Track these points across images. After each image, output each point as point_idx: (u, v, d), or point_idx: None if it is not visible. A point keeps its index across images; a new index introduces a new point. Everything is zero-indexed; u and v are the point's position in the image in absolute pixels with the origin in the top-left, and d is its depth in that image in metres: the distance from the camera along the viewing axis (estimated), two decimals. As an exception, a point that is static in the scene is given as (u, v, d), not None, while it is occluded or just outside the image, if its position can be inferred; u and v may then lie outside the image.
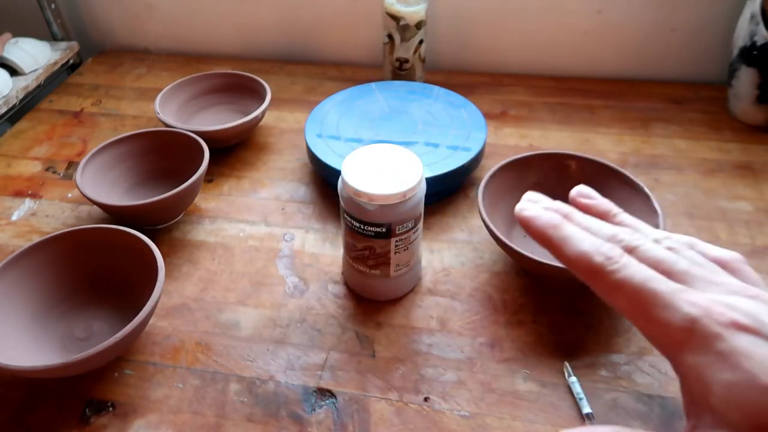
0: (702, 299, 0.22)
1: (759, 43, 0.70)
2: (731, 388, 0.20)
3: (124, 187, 0.67)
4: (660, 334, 0.22)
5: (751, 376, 0.19)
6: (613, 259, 0.24)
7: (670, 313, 0.22)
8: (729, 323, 0.21)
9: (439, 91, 0.75)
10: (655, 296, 0.22)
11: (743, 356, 0.20)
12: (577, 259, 0.25)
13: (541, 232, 0.27)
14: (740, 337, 0.21)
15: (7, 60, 0.85)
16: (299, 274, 0.58)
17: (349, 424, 0.45)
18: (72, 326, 0.53)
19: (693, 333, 0.21)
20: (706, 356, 0.21)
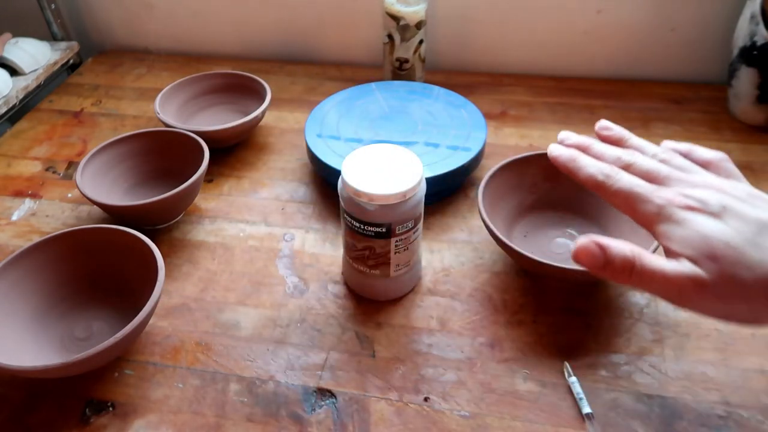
0: (669, 193, 0.34)
1: (759, 43, 0.70)
2: (686, 239, 0.32)
3: (124, 187, 0.67)
4: (642, 220, 0.34)
5: (694, 231, 0.32)
6: (610, 176, 0.35)
7: (647, 206, 0.34)
8: (684, 206, 0.33)
9: (439, 91, 0.75)
10: (638, 196, 0.34)
11: (690, 222, 0.32)
12: (587, 180, 0.36)
13: (564, 166, 0.37)
14: (690, 213, 0.32)
15: (7, 60, 0.85)
16: (299, 274, 0.58)
17: (349, 424, 0.45)
18: (72, 326, 0.53)
19: (660, 215, 0.33)
20: (669, 225, 0.33)
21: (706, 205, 0.32)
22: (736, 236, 0.31)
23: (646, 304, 0.54)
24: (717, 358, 0.49)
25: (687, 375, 0.48)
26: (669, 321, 0.52)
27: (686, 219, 0.32)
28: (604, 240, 0.33)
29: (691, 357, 0.49)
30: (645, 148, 0.38)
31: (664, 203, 0.33)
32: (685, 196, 0.33)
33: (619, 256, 0.33)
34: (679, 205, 0.32)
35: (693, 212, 0.32)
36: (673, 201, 0.33)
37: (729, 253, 0.30)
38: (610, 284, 0.55)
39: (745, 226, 0.31)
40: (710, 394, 0.46)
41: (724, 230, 0.31)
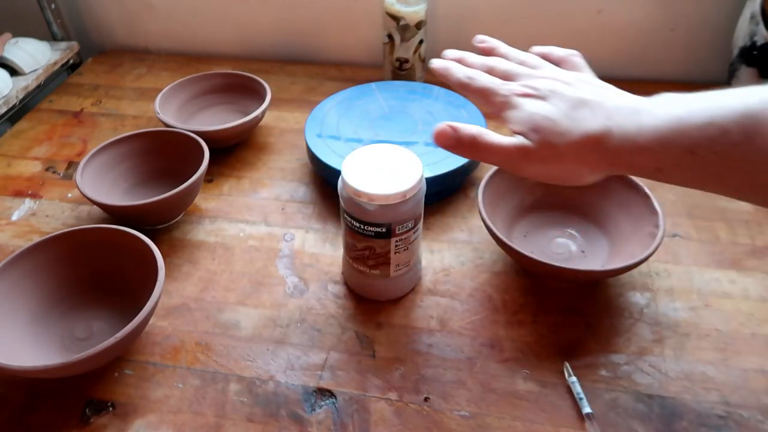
0: (513, 86, 0.41)
1: (759, 43, 0.70)
2: (519, 119, 0.39)
3: (124, 187, 0.67)
4: (495, 110, 0.41)
5: (525, 111, 0.39)
6: (472, 77, 0.43)
7: (497, 97, 0.41)
8: (521, 94, 0.40)
9: (439, 91, 0.75)
10: (491, 90, 0.42)
11: (523, 105, 0.39)
12: (456, 83, 0.44)
13: (440, 74, 0.45)
14: (524, 99, 0.40)
15: (7, 60, 0.85)
16: (299, 274, 0.58)
17: (349, 424, 0.45)
18: (72, 326, 0.53)
19: (505, 102, 0.40)
20: (510, 110, 0.40)
21: (537, 91, 0.39)
22: (555, 111, 0.38)
23: (646, 304, 0.54)
24: (717, 358, 0.49)
25: (687, 375, 0.48)
26: (669, 321, 0.52)
27: (521, 103, 0.39)
28: (455, 123, 0.40)
29: (691, 357, 0.49)
30: (510, 54, 0.45)
31: (508, 93, 0.40)
32: (524, 86, 0.40)
33: (467, 134, 0.40)
34: (518, 93, 0.40)
35: (527, 98, 0.39)
36: (514, 90, 0.40)
37: (547, 124, 0.37)
38: (610, 284, 0.55)
39: (563, 103, 0.38)
40: (710, 394, 0.46)
41: (547, 108, 0.38)
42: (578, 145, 0.37)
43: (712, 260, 0.58)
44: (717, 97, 0.33)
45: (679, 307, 0.53)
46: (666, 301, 0.54)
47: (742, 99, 0.32)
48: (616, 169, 0.38)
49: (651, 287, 0.55)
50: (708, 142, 0.32)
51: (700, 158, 0.33)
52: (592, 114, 0.37)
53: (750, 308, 0.53)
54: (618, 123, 0.36)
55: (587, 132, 0.37)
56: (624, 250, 0.54)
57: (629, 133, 0.35)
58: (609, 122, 0.36)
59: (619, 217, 0.56)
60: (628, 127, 0.35)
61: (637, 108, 0.37)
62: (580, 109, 0.38)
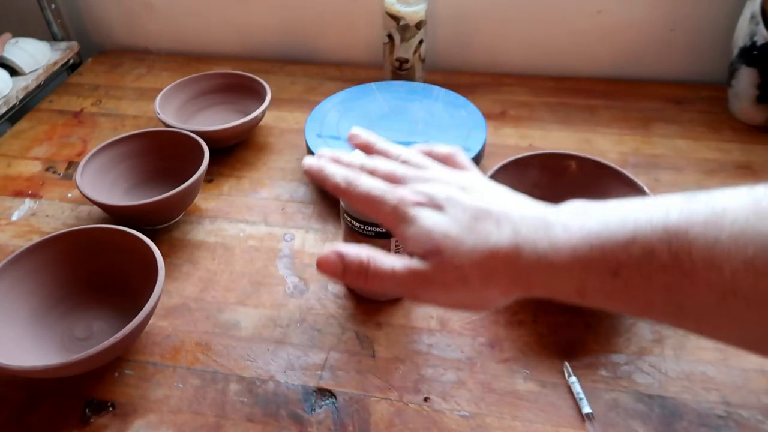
0: (402, 191, 0.34)
1: (759, 43, 0.70)
2: (415, 236, 0.33)
3: (124, 187, 0.67)
4: (385, 223, 0.35)
5: (421, 227, 0.33)
6: (352, 182, 0.36)
7: (384, 207, 0.34)
8: (414, 203, 0.34)
9: (439, 91, 0.75)
10: (376, 198, 0.35)
11: (418, 218, 0.33)
12: (333, 187, 0.36)
13: (314, 176, 0.38)
14: (419, 209, 0.33)
15: (7, 60, 0.85)
16: (299, 274, 0.58)
17: (349, 424, 0.45)
18: (72, 326, 0.53)
19: (396, 214, 0.34)
20: (404, 225, 0.34)
21: (432, 199, 0.34)
22: (455, 226, 0.32)
23: (646, 304, 0.53)
24: (717, 358, 0.49)
25: (687, 375, 0.48)
26: (669, 321, 0.52)
27: (416, 216, 0.33)
28: (342, 247, 0.34)
29: (691, 357, 0.49)
30: (390, 151, 0.39)
31: (396, 202, 0.34)
32: (416, 193, 0.34)
33: (354, 261, 0.34)
34: (410, 202, 0.34)
35: (421, 207, 0.33)
36: (404, 199, 0.34)
37: (448, 243, 0.32)
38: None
39: (464, 214, 0.33)
40: (710, 394, 0.46)
41: (445, 222, 0.32)
42: (485, 265, 0.31)
43: (712, 260, 0.58)
44: (634, 208, 0.30)
45: (679, 307, 0.53)
46: (666, 301, 0.54)
47: (662, 211, 0.28)
48: (530, 291, 0.32)
49: (651, 287, 0.55)
50: (632, 262, 0.28)
51: (624, 281, 0.28)
52: (497, 227, 0.32)
53: (750, 308, 0.53)
54: (527, 238, 0.31)
55: (494, 248, 0.31)
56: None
57: (542, 250, 0.30)
58: (517, 237, 0.31)
59: (619, 217, 0.56)
60: (539, 243, 0.31)
61: (546, 220, 0.32)
62: (484, 221, 0.32)
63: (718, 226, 0.26)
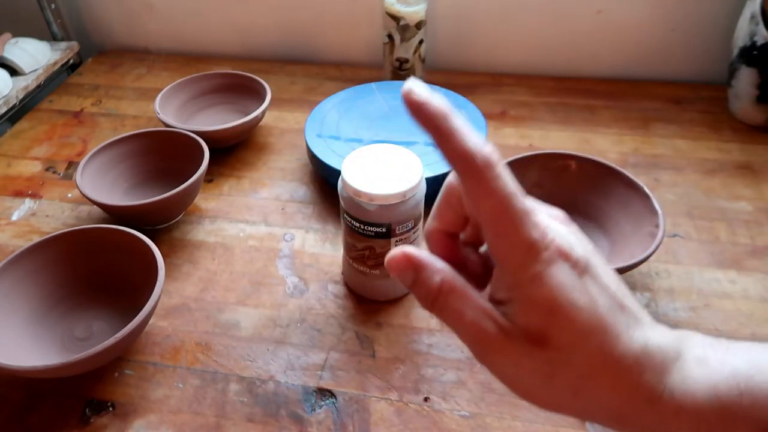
0: (542, 223, 0.24)
1: (759, 43, 0.70)
2: (534, 296, 0.23)
3: (124, 187, 0.67)
4: (503, 248, 0.24)
5: (550, 288, 0.23)
6: (491, 165, 0.23)
7: (519, 231, 0.23)
8: (557, 249, 0.23)
9: (439, 91, 0.75)
10: (515, 212, 0.23)
11: (553, 275, 0.23)
12: (462, 155, 0.23)
13: (432, 117, 0.23)
14: (558, 262, 0.23)
15: (7, 60, 0.85)
16: (299, 274, 0.58)
17: (349, 424, 0.45)
18: (72, 326, 0.53)
19: (529, 252, 0.23)
20: (527, 273, 0.23)
21: (575, 255, 0.24)
22: (590, 305, 0.24)
23: (646, 304, 0.54)
24: (717, 358, 0.49)
25: (687, 375, 0.48)
26: (669, 321, 0.52)
27: (552, 271, 0.23)
28: (417, 254, 0.26)
29: (691, 357, 0.49)
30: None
31: (537, 237, 0.23)
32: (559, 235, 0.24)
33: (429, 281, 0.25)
34: (554, 245, 0.24)
35: (563, 261, 0.24)
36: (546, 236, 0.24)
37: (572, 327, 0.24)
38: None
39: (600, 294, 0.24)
40: (710, 394, 0.46)
41: (584, 296, 0.24)
42: (595, 370, 0.24)
43: (712, 260, 0.58)
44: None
45: (679, 307, 0.53)
46: (666, 301, 0.54)
47: None
48: (625, 426, 0.25)
49: (651, 287, 0.55)
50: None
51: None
52: (627, 329, 0.24)
53: (750, 308, 0.53)
54: (655, 358, 0.24)
55: (619, 357, 0.23)
56: (624, 250, 0.54)
57: (671, 381, 0.23)
58: (646, 353, 0.24)
59: (619, 217, 0.56)
60: (668, 371, 0.24)
61: (680, 339, 0.25)
62: (618, 315, 0.24)
63: None
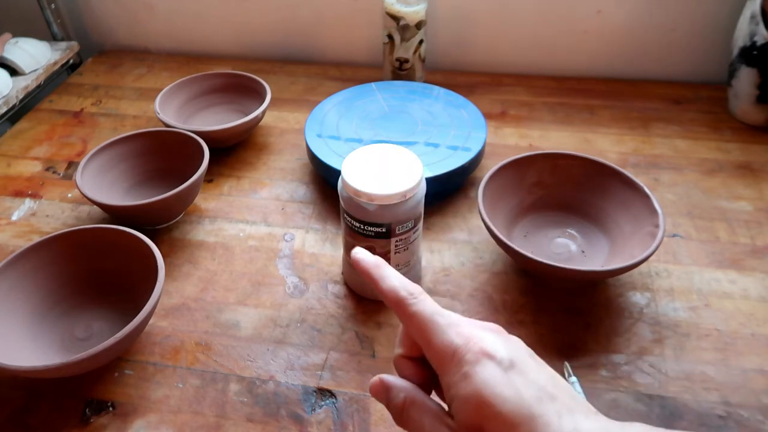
0: (466, 332, 0.29)
1: (759, 43, 0.70)
2: (466, 395, 0.27)
3: (124, 187, 0.67)
4: (434, 356, 0.29)
5: (477, 385, 0.26)
6: (413, 294, 0.31)
7: (442, 341, 0.28)
8: (479, 351, 0.27)
9: (439, 91, 0.75)
10: (436, 326, 0.29)
11: (478, 373, 0.27)
12: (388, 291, 0.31)
13: (366, 269, 0.32)
14: (483, 363, 0.27)
15: (7, 60, 0.85)
16: (299, 274, 0.58)
17: (349, 424, 0.45)
18: (72, 326, 0.53)
19: (454, 356, 0.28)
20: (457, 374, 0.27)
21: (499, 355, 0.28)
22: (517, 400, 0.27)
23: (646, 304, 0.54)
24: (717, 358, 0.49)
25: (687, 375, 0.48)
26: (669, 321, 0.52)
27: (478, 369, 0.27)
28: (387, 379, 0.32)
29: (691, 357, 0.49)
30: None
31: (460, 342, 0.28)
32: (481, 339, 0.29)
33: (394, 401, 0.31)
34: (475, 349, 0.28)
35: (488, 360, 0.28)
36: (469, 341, 0.29)
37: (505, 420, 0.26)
38: (610, 284, 0.55)
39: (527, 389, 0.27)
40: (710, 394, 0.46)
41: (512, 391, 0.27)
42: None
43: (712, 260, 0.58)
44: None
45: (679, 307, 0.53)
46: (666, 301, 0.54)
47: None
48: None
49: (651, 287, 0.55)
50: None
51: None
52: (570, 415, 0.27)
53: (750, 308, 0.53)
54: None
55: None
56: (624, 250, 0.54)
57: None
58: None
59: (619, 217, 0.56)
60: None
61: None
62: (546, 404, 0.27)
63: None
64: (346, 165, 0.49)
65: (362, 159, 0.49)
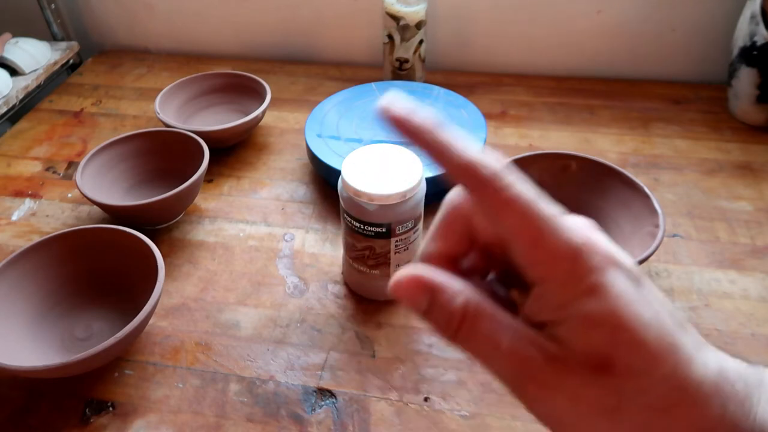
0: (583, 228, 0.21)
1: (759, 43, 0.70)
2: (593, 313, 0.20)
3: (124, 187, 0.67)
4: (542, 260, 0.21)
5: (611, 302, 0.20)
6: (501, 174, 0.21)
7: (556, 238, 0.20)
8: (606, 257, 0.21)
9: (439, 91, 0.75)
10: (543, 218, 0.21)
11: (612, 287, 0.20)
12: (465, 168, 0.21)
13: (419, 132, 0.22)
14: (613, 273, 0.20)
15: (7, 60, 0.85)
16: (299, 274, 0.58)
17: (349, 424, 0.45)
18: (72, 326, 0.53)
19: (576, 261, 0.20)
20: (580, 285, 0.20)
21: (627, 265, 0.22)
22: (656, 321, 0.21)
23: (646, 304, 0.53)
24: (717, 358, 0.49)
25: (687, 375, 0.48)
26: (669, 321, 0.52)
27: (610, 282, 0.21)
28: (428, 274, 0.23)
29: (691, 357, 0.49)
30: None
31: (581, 242, 0.21)
32: (606, 243, 0.22)
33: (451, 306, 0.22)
34: (604, 254, 0.21)
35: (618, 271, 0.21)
36: (593, 242, 0.22)
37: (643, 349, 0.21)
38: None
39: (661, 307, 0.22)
40: (710, 394, 0.46)
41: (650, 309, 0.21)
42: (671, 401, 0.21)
43: (712, 260, 0.58)
44: None
45: (679, 307, 0.53)
46: (666, 301, 0.54)
47: None
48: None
49: (651, 287, 0.55)
50: None
51: None
52: (706, 348, 0.23)
53: (750, 308, 0.53)
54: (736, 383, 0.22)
55: (696, 383, 0.21)
56: (624, 250, 0.54)
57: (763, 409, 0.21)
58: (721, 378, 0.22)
59: (619, 217, 0.56)
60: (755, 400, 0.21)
61: (754, 371, 0.23)
62: (682, 332, 0.22)
63: None
64: (346, 165, 0.49)
65: (362, 159, 0.49)
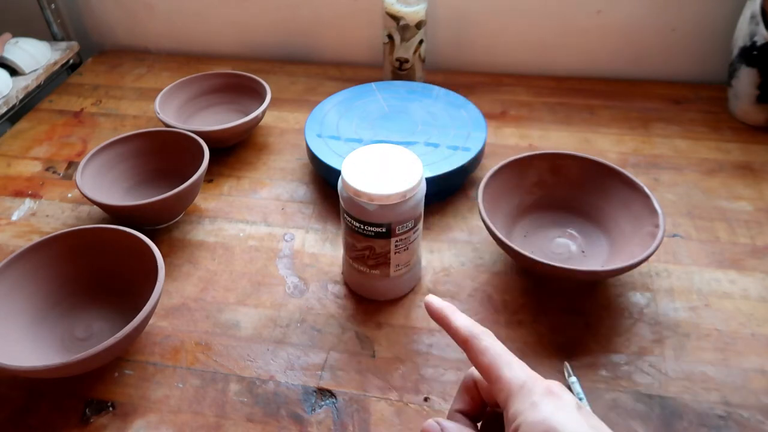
0: (527, 370, 0.32)
1: (759, 43, 0.70)
2: (532, 424, 0.29)
3: (124, 187, 0.67)
4: (503, 387, 0.31)
5: (542, 417, 0.29)
6: (484, 332, 0.33)
7: (512, 374, 0.31)
8: (546, 388, 0.30)
9: (439, 91, 0.75)
10: (507, 360, 0.32)
11: (545, 403, 0.30)
12: (462, 327, 0.34)
13: (438, 310, 0.35)
14: (550, 396, 0.30)
15: (7, 60, 0.85)
16: (299, 274, 0.58)
17: (349, 424, 0.45)
18: (72, 326, 0.53)
19: (523, 387, 0.31)
20: (526, 402, 0.30)
21: (568, 394, 0.31)
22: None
23: (646, 304, 0.54)
24: (717, 358, 0.49)
25: (687, 375, 0.48)
26: (669, 321, 0.52)
27: (541, 403, 0.30)
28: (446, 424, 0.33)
29: (691, 357, 0.49)
30: None
31: (525, 378, 0.31)
32: (542, 379, 0.31)
33: None
34: (542, 385, 0.31)
35: (562, 394, 0.31)
36: (534, 378, 0.31)
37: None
38: (610, 284, 0.55)
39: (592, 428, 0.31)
40: (710, 394, 0.46)
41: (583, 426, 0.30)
42: None
43: (712, 260, 0.58)
44: None
45: (679, 307, 0.53)
46: (666, 301, 0.54)
47: None
48: None
49: (651, 287, 0.55)
50: None
51: None
52: None
53: (750, 308, 0.53)
54: None
55: None
56: (624, 250, 0.54)
57: None
58: None
59: (619, 217, 0.56)
60: None
61: None
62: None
63: None
64: (346, 165, 0.49)
65: (362, 159, 0.49)
